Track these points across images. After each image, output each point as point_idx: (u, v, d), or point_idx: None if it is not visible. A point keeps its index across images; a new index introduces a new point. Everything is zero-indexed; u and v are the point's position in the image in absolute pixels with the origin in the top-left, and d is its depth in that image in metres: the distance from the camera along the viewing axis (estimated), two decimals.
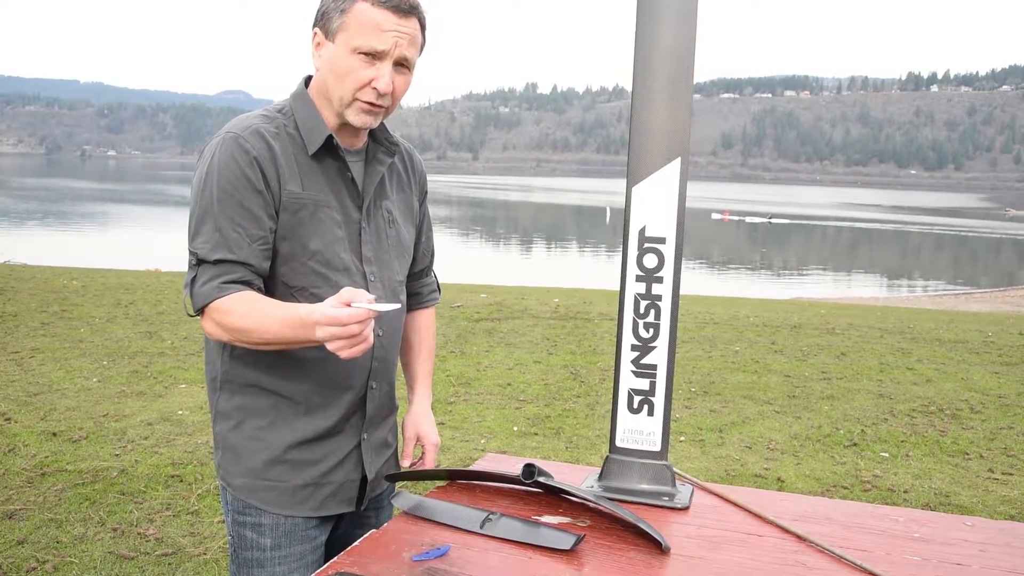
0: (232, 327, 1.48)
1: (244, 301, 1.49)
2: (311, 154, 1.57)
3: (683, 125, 1.65)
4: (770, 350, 8.51)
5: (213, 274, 1.50)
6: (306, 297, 1.56)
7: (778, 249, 42.46)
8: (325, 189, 1.59)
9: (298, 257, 1.55)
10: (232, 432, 1.63)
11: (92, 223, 39.49)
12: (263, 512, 1.60)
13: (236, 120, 1.60)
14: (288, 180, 1.54)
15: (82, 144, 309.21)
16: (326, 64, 1.55)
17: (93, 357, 6.86)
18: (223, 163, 1.51)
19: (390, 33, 1.50)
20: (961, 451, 5.23)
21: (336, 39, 1.52)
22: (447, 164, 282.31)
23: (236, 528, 1.63)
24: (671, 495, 1.67)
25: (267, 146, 1.53)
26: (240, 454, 1.62)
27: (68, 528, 3.55)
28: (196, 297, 1.51)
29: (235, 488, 1.62)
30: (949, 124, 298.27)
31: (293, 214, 1.54)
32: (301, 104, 1.61)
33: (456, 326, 9.22)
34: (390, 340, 1.69)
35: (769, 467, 4.80)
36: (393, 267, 1.70)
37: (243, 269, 1.51)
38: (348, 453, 1.67)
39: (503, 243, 41.64)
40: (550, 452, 4.91)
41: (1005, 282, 29.80)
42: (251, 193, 1.51)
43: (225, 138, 1.54)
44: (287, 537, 1.61)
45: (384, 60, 1.52)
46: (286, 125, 1.58)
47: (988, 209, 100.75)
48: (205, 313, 1.51)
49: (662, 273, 1.68)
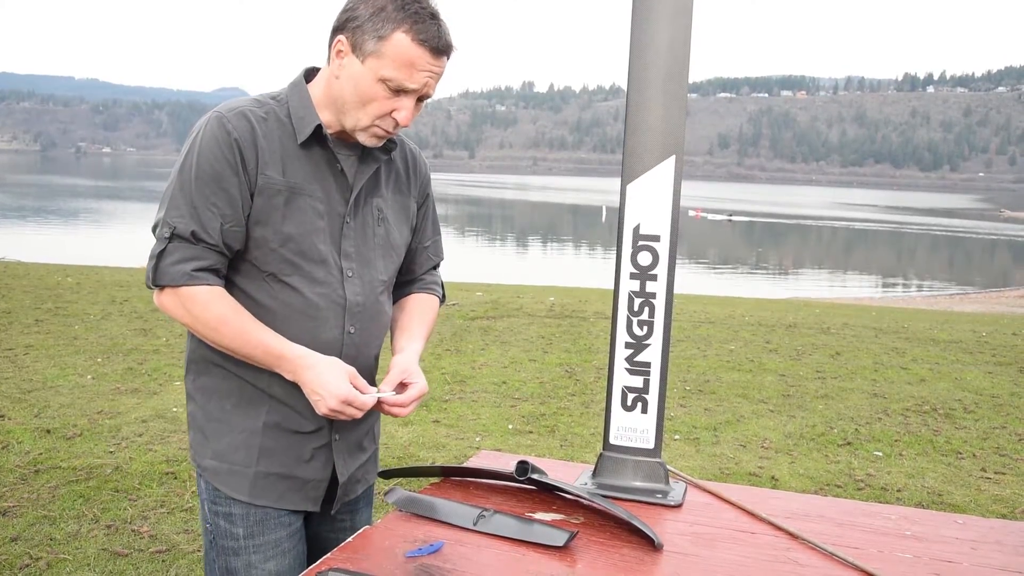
0: (204, 321, 1.50)
1: (226, 304, 1.51)
2: (300, 143, 1.55)
3: (678, 123, 1.65)
4: (765, 349, 8.52)
5: (184, 255, 1.49)
6: (275, 283, 1.55)
7: (773, 249, 42.53)
8: (309, 178, 1.56)
9: (270, 243, 1.53)
10: (200, 412, 1.63)
11: (87, 220, 39.40)
12: (233, 501, 1.60)
13: (229, 101, 1.59)
14: (268, 164, 1.52)
15: (77, 141, 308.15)
16: (348, 80, 1.51)
17: (87, 354, 6.84)
18: (205, 142, 1.50)
19: (423, 73, 1.49)
20: (954, 450, 5.25)
21: (366, 61, 1.48)
22: (444, 162, 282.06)
23: (212, 517, 1.62)
24: (664, 492, 1.67)
25: (250, 127, 1.51)
26: (208, 435, 1.62)
27: (62, 525, 3.54)
28: (162, 274, 1.50)
29: (204, 469, 1.62)
30: (945, 125, 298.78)
31: (267, 199, 1.52)
32: (296, 94, 1.59)
33: (452, 324, 9.21)
34: (363, 338, 1.64)
35: (763, 466, 4.80)
36: (377, 266, 1.66)
37: (214, 255, 1.51)
38: (316, 451, 1.63)
39: (499, 241, 41.63)
40: (544, 450, 4.92)
41: (1000, 283, 29.88)
42: (229, 174, 1.49)
43: (211, 117, 1.53)
44: (259, 526, 1.60)
45: (410, 95, 1.51)
46: (277, 111, 1.56)
47: (983, 210, 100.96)
48: (167, 290, 1.50)
49: (656, 271, 1.68)
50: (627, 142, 1.68)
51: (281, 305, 1.55)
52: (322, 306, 1.56)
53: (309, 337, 1.55)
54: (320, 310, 1.56)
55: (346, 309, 1.59)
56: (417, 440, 4.96)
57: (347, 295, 1.59)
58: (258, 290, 1.55)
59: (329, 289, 1.57)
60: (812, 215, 71.04)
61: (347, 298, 1.59)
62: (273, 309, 1.55)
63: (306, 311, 1.55)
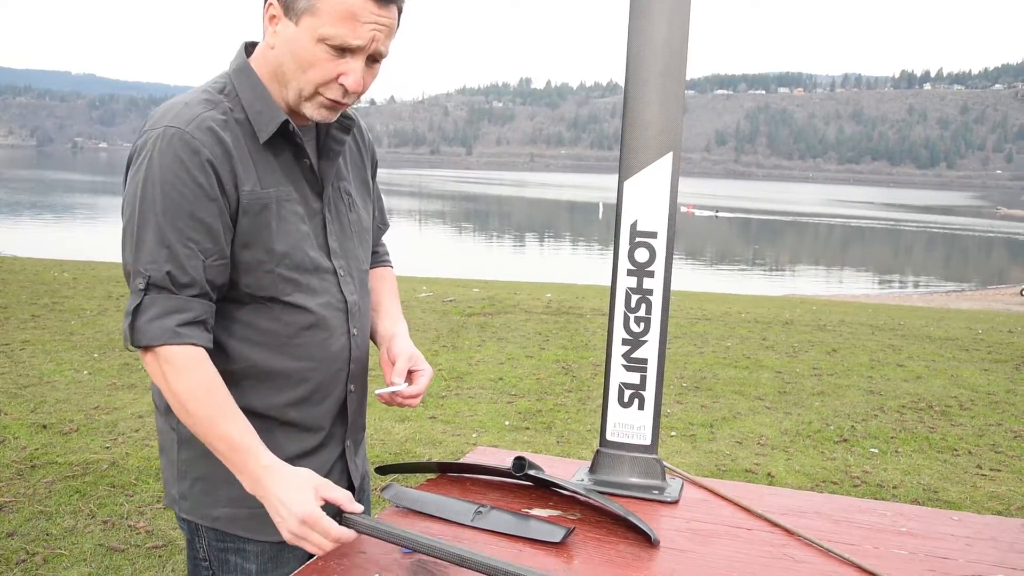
0: (172, 391, 1.30)
1: (202, 375, 1.30)
2: (263, 142, 1.37)
3: (675, 120, 1.65)
4: (761, 346, 8.53)
5: (166, 308, 1.30)
6: (277, 306, 1.40)
7: (770, 246, 42.56)
8: (283, 180, 1.39)
9: (264, 265, 1.36)
10: (204, 460, 1.40)
11: (83, 215, 39.27)
12: (247, 539, 1.45)
13: (174, 107, 1.34)
14: (245, 179, 1.33)
15: (73, 136, 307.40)
16: (284, 46, 1.32)
17: (84, 350, 6.84)
18: (167, 166, 1.28)
19: (368, 26, 1.28)
20: (950, 447, 5.26)
21: (300, 22, 1.28)
22: (440, 159, 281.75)
23: (215, 554, 1.46)
24: (661, 489, 1.67)
25: (218, 141, 1.31)
26: (217, 484, 1.42)
27: (58, 520, 3.54)
28: (140, 333, 1.29)
29: (215, 520, 1.44)
30: (942, 122, 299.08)
31: (255, 216, 1.35)
32: (245, 81, 1.38)
33: (448, 320, 9.21)
34: (363, 338, 1.55)
35: (759, 462, 4.81)
36: (359, 255, 1.54)
37: (199, 305, 1.32)
38: (334, 463, 1.54)
39: (496, 238, 41.60)
40: (541, 446, 4.92)
41: (996, 280, 29.93)
42: (204, 201, 1.29)
43: (166, 135, 1.29)
44: (273, 562, 1.47)
45: (357, 55, 1.31)
46: (232, 110, 1.36)
47: (980, 207, 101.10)
48: (149, 351, 1.31)
49: (653, 267, 1.68)
50: (624, 139, 1.68)
51: (285, 325, 1.41)
52: (328, 316, 1.45)
53: (320, 352, 1.44)
54: (327, 321, 1.45)
55: (347, 312, 1.49)
56: (414, 436, 4.96)
57: (346, 297, 1.49)
58: (259, 316, 1.40)
59: (330, 296, 1.46)
60: (809, 212, 71.11)
61: (347, 300, 1.49)
62: (278, 331, 1.41)
63: (315, 325, 1.43)
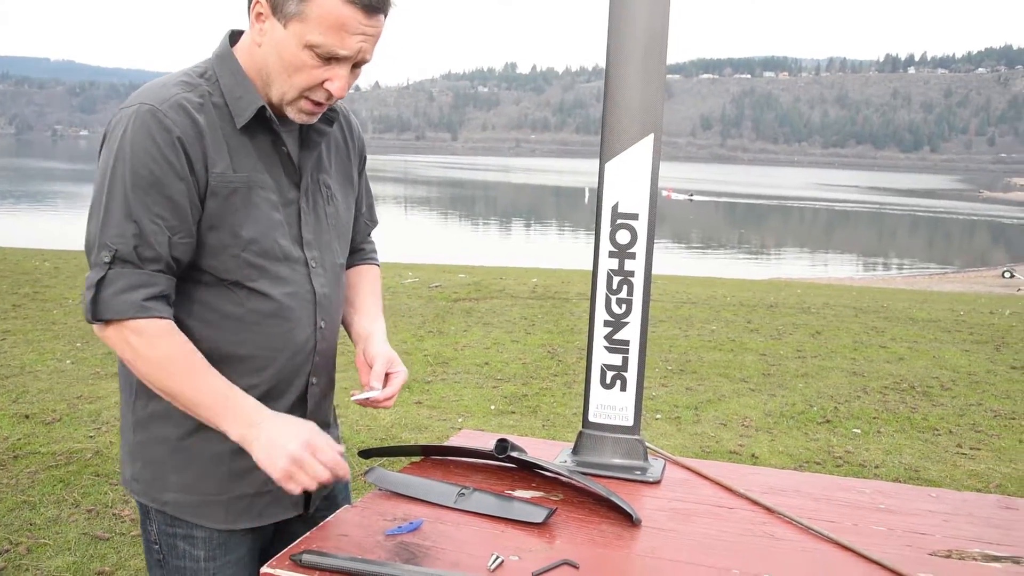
0: (147, 358, 1.31)
1: (176, 341, 1.32)
2: (240, 127, 1.37)
3: (656, 102, 1.65)
4: (746, 329, 8.58)
5: (131, 282, 1.30)
6: (241, 291, 1.39)
7: (755, 230, 42.73)
8: (258, 167, 1.39)
9: (229, 248, 1.36)
10: (155, 444, 1.43)
11: (64, 204, 38.88)
12: (195, 525, 1.44)
13: (151, 87, 1.36)
14: (216, 161, 1.34)
15: (53, 124, 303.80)
16: (271, 47, 1.33)
17: (66, 339, 6.79)
18: (138, 142, 1.29)
19: (356, 37, 1.29)
20: (931, 427, 5.32)
21: (289, 25, 1.29)
22: (426, 144, 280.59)
23: (164, 539, 1.46)
24: (643, 469, 1.69)
25: (191, 122, 1.32)
26: (168, 467, 1.43)
27: (42, 510, 3.52)
28: (104, 306, 1.29)
29: (164, 504, 1.43)
30: (925, 106, 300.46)
31: (223, 200, 1.35)
32: (227, 68, 1.39)
33: (434, 306, 9.20)
34: (331, 331, 1.53)
35: (744, 444, 4.85)
36: (334, 248, 1.53)
37: (164, 279, 1.32)
38: None
39: (482, 223, 41.56)
40: (527, 430, 4.94)
41: (978, 262, 30.22)
42: (173, 179, 1.30)
43: (140, 111, 1.30)
44: (222, 548, 1.46)
45: (343, 63, 1.32)
46: (211, 93, 1.36)
47: (962, 190, 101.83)
48: (112, 324, 1.31)
49: (635, 249, 1.68)
50: (606, 120, 1.68)
51: (249, 312, 1.40)
52: (293, 306, 1.44)
53: (283, 341, 1.43)
54: (292, 311, 1.44)
55: (316, 303, 1.48)
56: (400, 422, 4.97)
57: (315, 288, 1.47)
58: (222, 300, 1.39)
59: (297, 286, 1.44)
60: (794, 196, 71.39)
61: (316, 292, 1.47)
62: (241, 317, 1.40)
63: (279, 314, 1.42)
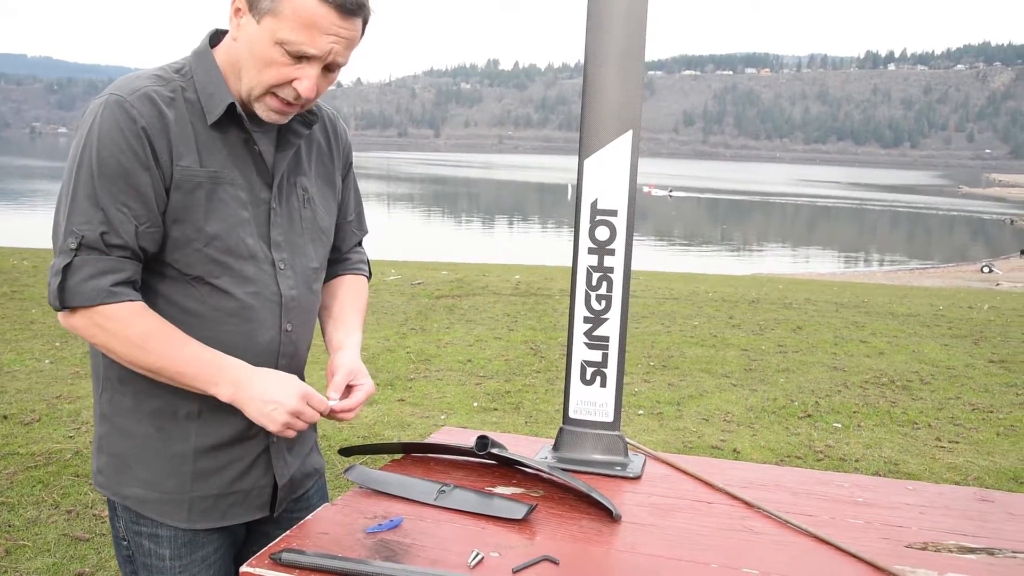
0: (125, 338, 1.32)
1: (149, 318, 1.34)
2: (211, 123, 1.37)
3: (635, 98, 1.65)
4: (728, 325, 8.63)
5: (98, 268, 1.30)
6: (203, 287, 1.38)
7: (737, 226, 42.95)
8: (228, 164, 1.38)
9: (193, 243, 1.35)
10: (119, 436, 1.44)
11: (43, 202, 38.46)
12: (159, 524, 1.44)
13: (124, 80, 1.36)
14: (182, 154, 1.34)
15: (31, 121, 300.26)
16: (244, 42, 1.33)
17: (45, 338, 6.72)
18: (105, 132, 1.30)
19: (328, 37, 1.30)
20: (910, 421, 5.37)
21: (263, 21, 1.29)
22: (408, 141, 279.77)
23: (133, 536, 1.46)
24: (623, 465, 1.69)
25: (158, 114, 1.32)
26: (130, 462, 1.43)
27: (20, 511, 3.48)
28: (71, 294, 1.30)
29: (125, 498, 1.44)
30: (905, 102, 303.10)
31: (187, 194, 1.34)
32: (202, 65, 1.39)
33: (417, 303, 9.19)
34: (299, 334, 1.51)
35: (725, 439, 4.88)
36: (307, 252, 1.50)
37: (130, 265, 1.33)
38: (256, 458, 1.48)
39: (465, 220, 41.52)
40: (509, 427, 4.94)
41: (957, 257, 30.53)
42: (139, 169, 1.30)
43: (108, 102, 1.32)
44: (188, 547, 1.46)
45: (313, 63, 1.32)
46: (184, 88, 1.37)
47: (942, 186, 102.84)
48: (80, 311, 1.32)
49: (614, 245, 1.69)
50: (584, 117, 1.68)
51: (211, 309, 1.39)
52: (256, 306, 1.42)
53: (245, 341, 1.41)
54: (255, 311, 1.42)
55: (282, 306, 1.45)
56: (382, 419, 4.96)
57: (282, 290, 1.45)
58: (183, 295, 1.38)
59: (262, 287, 1.42)
60: (776, 192, 71.80)
61: (282, 294, 1.45)
62: (202, 314, 1.39)
63: (240, 313, 1.40)
